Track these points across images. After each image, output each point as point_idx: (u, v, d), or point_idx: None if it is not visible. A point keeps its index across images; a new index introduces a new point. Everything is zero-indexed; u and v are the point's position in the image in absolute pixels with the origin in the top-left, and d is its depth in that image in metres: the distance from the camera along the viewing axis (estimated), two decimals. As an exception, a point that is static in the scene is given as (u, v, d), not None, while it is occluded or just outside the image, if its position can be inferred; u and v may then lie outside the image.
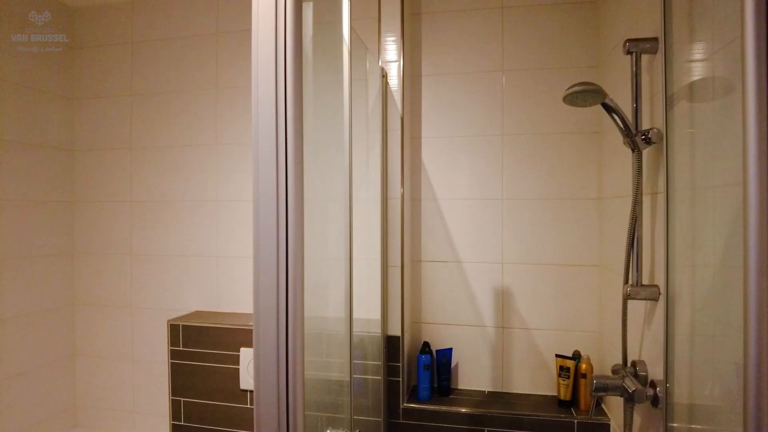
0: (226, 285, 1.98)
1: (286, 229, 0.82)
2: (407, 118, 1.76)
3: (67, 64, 2.09)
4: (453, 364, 1.81)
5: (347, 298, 1.41)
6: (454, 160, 1.81)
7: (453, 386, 1.82)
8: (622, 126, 1.16)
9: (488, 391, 1.80)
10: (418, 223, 1.84)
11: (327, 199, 1.12)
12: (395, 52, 1.67)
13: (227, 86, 1.95)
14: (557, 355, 1.68)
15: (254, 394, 0.79)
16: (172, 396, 1.89)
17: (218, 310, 1.99)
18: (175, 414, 1.89)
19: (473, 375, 1.81)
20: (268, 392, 0.81)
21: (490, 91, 1.77)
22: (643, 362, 1.24)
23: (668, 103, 1.07)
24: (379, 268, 1.64)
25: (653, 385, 1.15)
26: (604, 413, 1.60)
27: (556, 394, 1.72)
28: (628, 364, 1.29)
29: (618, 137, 1.32)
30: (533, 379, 1.77)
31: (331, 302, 1.19)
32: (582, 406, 1.63)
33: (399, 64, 1.67)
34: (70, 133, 2.12)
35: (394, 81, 1.67)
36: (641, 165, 1.17)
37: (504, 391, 1.79)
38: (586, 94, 1.14)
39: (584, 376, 1.62)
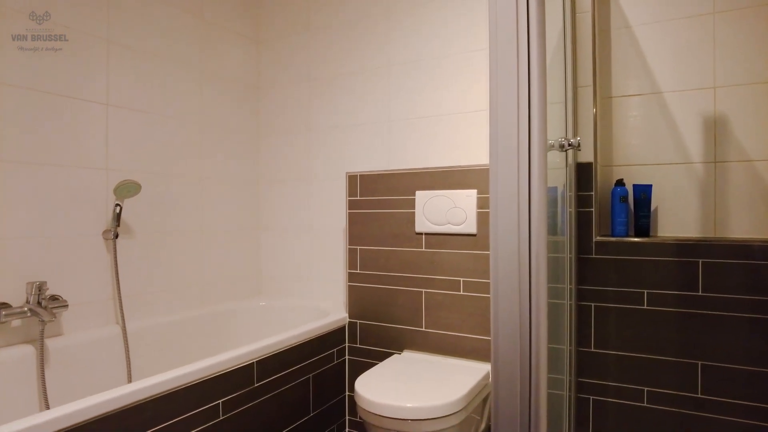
0: (396, 147, 2.01)
1: (528, 68, 0.88)
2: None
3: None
4: (652, 208, 1.61)
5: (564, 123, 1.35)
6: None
7: (652, 233, 1.62)
8: None
9: (697, 237, 1.56)
10: (608, 55, 1.69)
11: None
12: None
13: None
14: (795, 179, 1.41)
15: (491, 249, 0.89)
16: (349, 245, 1.95)
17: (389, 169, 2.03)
18: (351, 262, 1.95)
19: (676, 220, 1.59)
20: (506, 241, 0.88)
21: None
22: None
23: None
24: (571, 86, 1.53)
25: None
26: None
27: (792, 232, 1.44)
28: None
29: None
30: (758, 220, 1.49)
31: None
32: (835, 235, 1.33)
33: None
34: (255, 23, 2.37)
35: None
36: None
37: (717, 236, 1.54)
38: None
39: (837, 196, 1.33)
